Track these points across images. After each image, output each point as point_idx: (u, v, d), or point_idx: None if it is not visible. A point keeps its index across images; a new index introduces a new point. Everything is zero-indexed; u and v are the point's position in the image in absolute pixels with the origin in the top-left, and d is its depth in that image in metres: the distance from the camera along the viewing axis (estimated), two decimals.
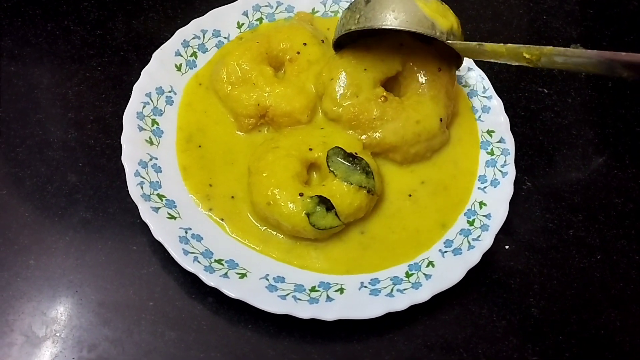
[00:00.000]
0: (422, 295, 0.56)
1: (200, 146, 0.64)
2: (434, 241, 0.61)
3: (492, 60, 0.60)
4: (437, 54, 0.66)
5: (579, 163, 0.71)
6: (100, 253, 0.60)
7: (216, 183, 0.62)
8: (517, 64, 0.58)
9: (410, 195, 0.63)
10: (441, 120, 0.64)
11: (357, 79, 0.64)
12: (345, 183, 0.59)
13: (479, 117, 0.69)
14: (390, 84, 0.67)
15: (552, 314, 0.60)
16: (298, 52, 0.67)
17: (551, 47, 0.55)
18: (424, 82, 0.65)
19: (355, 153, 0.61)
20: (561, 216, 0.66)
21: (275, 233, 0.60)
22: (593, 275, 0.63)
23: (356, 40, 0.66)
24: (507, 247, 0.64)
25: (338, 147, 0.61)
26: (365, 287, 0.58)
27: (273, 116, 0.65)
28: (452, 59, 0.66)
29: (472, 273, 0.58)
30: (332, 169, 0.60)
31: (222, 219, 0.60)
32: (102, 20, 0.75)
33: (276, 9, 0.74)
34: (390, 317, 0.56)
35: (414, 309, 0.56)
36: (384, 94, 0.64)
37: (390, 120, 0.63)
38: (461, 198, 0.63)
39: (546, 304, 0.61)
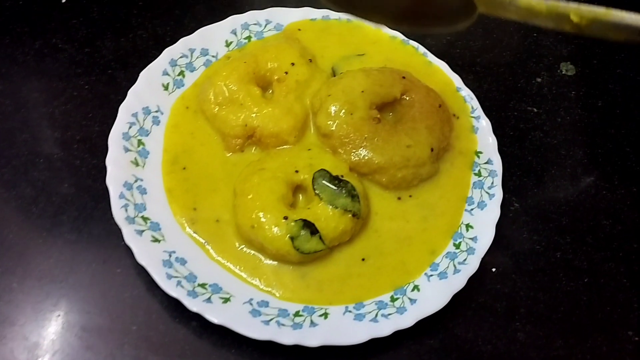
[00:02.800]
0: (407, 321, 0.56)
1: (184, 168, 0.63)
2: (423, 269, 0.60)
3: (523, 21, 0.47)
4: (436, 92, 0.67)
5: (567, 184, 0.70)
6: (84, 276, 0.59)
7: (201, 207, 0.61)
8: (555, 27, 0.46)
9: (396, 222, 0.63)
10: (432, 150, 0.64)
11: (354, 98, 0.64)
12: (331, 206, 0.59)
13: (466, 137, 0.68)
14: (387, 110, 0.67)
15: (538, 339, 0.60)
16: (286, 72, 0.67)
17: (609, 10, 0.43)
18: (421, 112, 0.65)
19: (341, 176, 0.61)
20: (549, 238, 0.66)
21: (260, 256, 0.60)
22: (580, 298, 0.63)
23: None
24: (493, 269, 0.64)
25: (324, 170, 0.61)
26: (350, 311, 0.57)
27: (260, 137, 0.65)
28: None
29: (458, 296, 0.58)
30: (317, 192, 0.60)
31: (206, 242, 0.60)
32: (90, 38, 0.75)
33: (265, 27, 0.74)
34: (374, 341, 0.55)
35: (399, 333, 0.56)
36: (378, 115, 0.65)
37: (381, 141, 0.63)
38: (451, 224, 0.63)
39: (532, 328, 0.61)
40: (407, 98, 0.66)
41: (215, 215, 0.61)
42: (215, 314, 0.55)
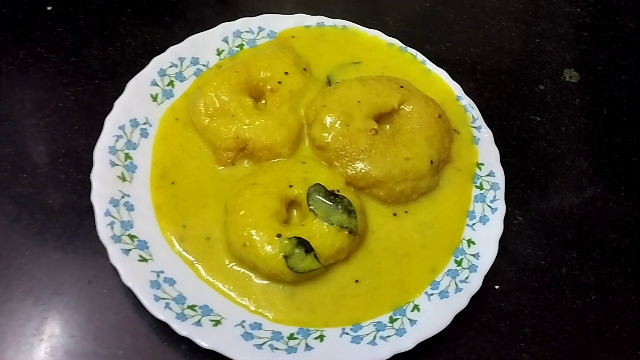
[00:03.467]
0: (407, 343, 0.54)
1: (173, 183, 0.61)
2: (423, 287, 0.58)
3: None
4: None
5: (572, 195, 0.68)
6: (68, 297, 0.57)
7: (190, 224, 0.59)
8: None
9: (392, 240, 0.60)
10: (432, 162, 0.61)
11: (350, 109, 0.62)
12: (326, 223, 0.56)
13: (467, 148, 0.66)
14: (385, 120, 0.65)
15: None
16: (279, 82, 0.65)
17: None
18: (420, 123, 0.63)
19: (337, 190, 0.58)
20: (554, 253, 0.64)
21: (251, 275, 0.57)
22: (587, 316, 0.60)
23: None
24: (497, 287, 0.61)
25: (319, 185, 0.58)
26: (347, 333, 0.55)
27: (253, 149, 0.62)
28: None
29: (459, 315, 0.56)
30: (312, 208, 0.57)
31: (196, 261, 0.57)
32: (76, 47, 0.73)
33: (257, 34, 0.71)
34: None
35: (398, 355, 0.53)
36: (375, 127, 0.62)
37: (378, 153, 0.61)
38: (451, 240, 0.60)
39: (538, 348, 0.58)
40: (406, 108, 0.64)
41: (205, 233, 0.59)
42: (205, 338, 0.52)
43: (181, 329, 0.52)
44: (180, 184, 0.61)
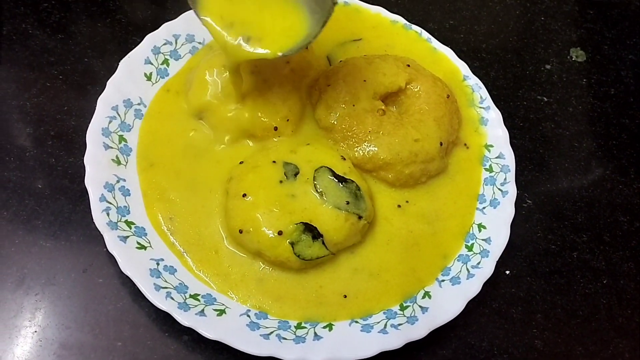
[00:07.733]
0: (419, 331, 0.52)
1: (152, 165, 0.58)
2: (435, 274, 0.56)
3: None
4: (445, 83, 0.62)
5: (581, 178, 0.66)
6: (62, 287, 0.54)
7: (180, 211, 0.56)
8: None
9: (399, 231, 0.58)
10: (441, 144, 0.59)
11: (355, 88, 0.60)
12: (334, 208, 0.54)
13: (476, 129, 0.64)
14: (392, 100, 0.62)
15: (557, 346, 0.56)
16: None
17: None
18: (429, 103, 0.60)
19: (345, 174, 0.56)
20: (564, 237, 0.62)
21: (252, 264, 0.54)
22: (599, 301, 0.59)
23: None
24: (507, 272, 0.60)
25: (326, 167, 0.56)
26: (357, 322, 0.53)
27: (255, 130, 0.59)
28: None
29: (471, 302, 0.54)
30: (319, 192, 0.55)
31: (186, 253, 0.54)
32: (64, 23, 0.69)
33: None
34: (382, 352, 0.51)
35: (408, 343, 0.52)
36: (383, 107, 0.60)
37: (386, 134, 0.58)
38: (462, 225, 0.58)
39: (550, 334, 0.57)
40: (413, 88, 0.61)
41: (198, 220, 0.55)
42: (209, 328, 0.50)
43: (184, 319, 0.50)
44: (163, 165, 0.58)
